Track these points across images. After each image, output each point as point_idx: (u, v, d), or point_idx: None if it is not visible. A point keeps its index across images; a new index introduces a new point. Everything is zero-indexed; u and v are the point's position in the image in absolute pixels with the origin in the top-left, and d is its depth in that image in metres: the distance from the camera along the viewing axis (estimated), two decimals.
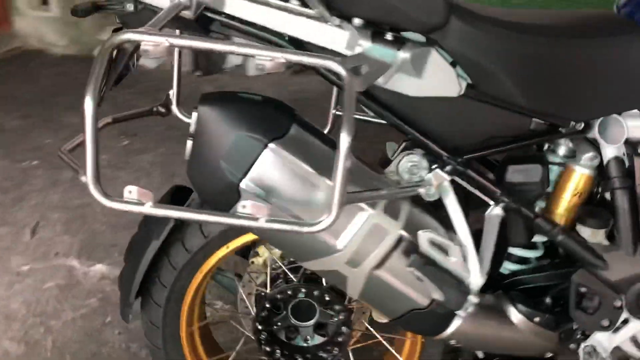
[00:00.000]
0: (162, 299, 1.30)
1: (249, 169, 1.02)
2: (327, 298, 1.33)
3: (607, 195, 1.20)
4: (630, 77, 1.11)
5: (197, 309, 1.38)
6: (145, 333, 1.37)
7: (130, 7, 1.08)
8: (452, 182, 1.11)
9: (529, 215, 1.14)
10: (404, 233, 1.07)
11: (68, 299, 1.97)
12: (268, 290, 1.35)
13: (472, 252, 1.08)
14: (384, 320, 1.43)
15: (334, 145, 1.06)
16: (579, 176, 1.18)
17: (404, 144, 1.14)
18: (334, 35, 1.01)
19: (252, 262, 1.40)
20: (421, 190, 1.07)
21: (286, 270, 1.37)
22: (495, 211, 1.13)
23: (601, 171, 1.18)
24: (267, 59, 0.88)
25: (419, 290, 1.10)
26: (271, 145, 1.01)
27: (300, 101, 3.60)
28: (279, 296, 1.32)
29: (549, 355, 1.27)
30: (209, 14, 1.04)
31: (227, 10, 1.02)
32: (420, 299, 1.11)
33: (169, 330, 1.34)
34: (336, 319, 1.34)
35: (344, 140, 0.85)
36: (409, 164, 1.09)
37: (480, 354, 1.33)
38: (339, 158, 0.85)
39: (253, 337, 1.37)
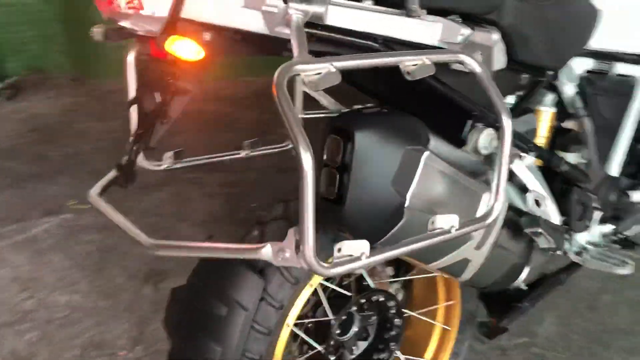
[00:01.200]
0: None
1: (411, 185, 0.94)
2: (380, 299, 1.31)
3: (564, 125, 1.47)
4: (573, 30, 1.37)
5: None
6: None
7: (207, 36, 0.86)
8: None
9: (546, 156, 1.33)
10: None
11: None
12: (332, 316, 1.25)
13: (549, 198, 1.22)
14: None
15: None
16: (549, 114, 1.42)
17: (469, 122, 1.18)
18: (429, 30, 0.99)
19: None
20: None
21: (337, 289, 1.28)
22: (528, 160, 1.28)
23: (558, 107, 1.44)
24: (411, 64, 0.86)
25: (519, 248, 1.19)
26: (426, 153, 0.96)
27: (43, 130, 3.04)
28: (344, 317, 1.25)
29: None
30: (306, 30, 0.91)
31: (330, 21, 0.91)
32: (519, 256, 1.21)
33: None
34: (387, 315, 1.33)
35: (507, 124, 0.90)
36: (489, 138, 1.15)
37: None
38: (505, 142, 0.90)
39: None
